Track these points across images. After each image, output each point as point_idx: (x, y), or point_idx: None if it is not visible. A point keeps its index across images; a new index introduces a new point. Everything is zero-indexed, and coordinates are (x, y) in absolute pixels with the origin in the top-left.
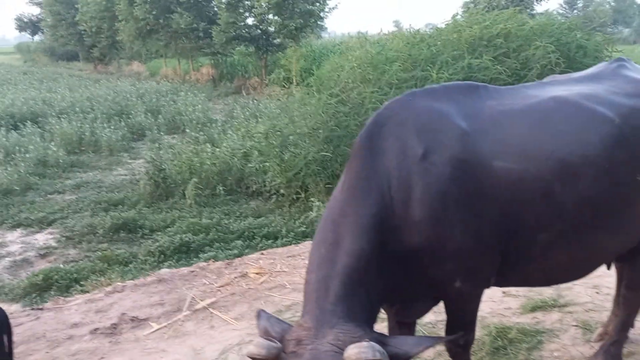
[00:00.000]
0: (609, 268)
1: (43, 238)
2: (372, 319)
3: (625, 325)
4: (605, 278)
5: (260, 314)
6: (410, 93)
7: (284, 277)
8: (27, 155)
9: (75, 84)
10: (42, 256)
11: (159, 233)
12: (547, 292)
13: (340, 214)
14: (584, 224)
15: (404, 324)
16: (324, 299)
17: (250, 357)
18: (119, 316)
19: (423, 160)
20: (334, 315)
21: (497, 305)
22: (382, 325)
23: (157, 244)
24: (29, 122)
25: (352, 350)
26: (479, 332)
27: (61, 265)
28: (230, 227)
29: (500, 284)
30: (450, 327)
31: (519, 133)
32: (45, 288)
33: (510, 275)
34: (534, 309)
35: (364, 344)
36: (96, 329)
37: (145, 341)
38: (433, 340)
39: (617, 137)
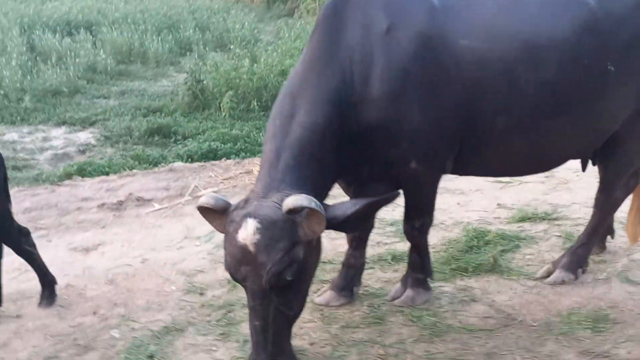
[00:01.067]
0: (584, 169)
1: (84, 136)
2: (322, 194)
3: (595, 229)
4: None
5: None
6: None
7: None
8: (78, 61)
9: None
10: (82, 152)
11: (191, 140)
12: (542, 207)
13: (298, 86)
14: (545, 110)
15: None
16: (275, 168)
17: (200, 208)
18: (126, 195)
19: (386, 35)
20: (282, 183)
21: (488, 214)
22: None
23: (186, 148)
24: (82, 29)
25: (289, 199)
26: (458, 233)
27: (95, 160)
28: (258, 140)
29: (461, 170)
30: (407, 210)
31: (488, 13)
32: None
33: (470, 161)
34: (523, 219)
35: (301, 195)
36: (103, 204)
37: (145, 217)
38: (369, 200)
39: (589, 22)
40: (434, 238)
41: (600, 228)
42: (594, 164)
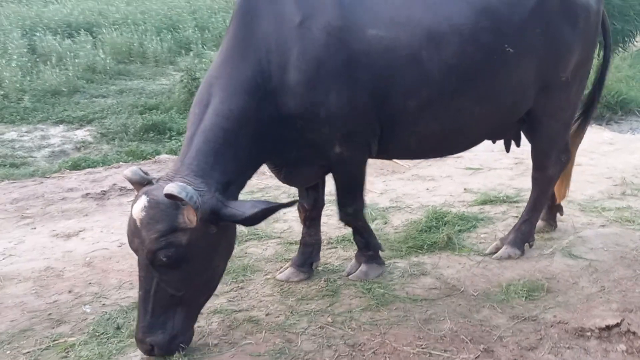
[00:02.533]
0: (507, 150)
1: (81, 134)
2: (238, 179)
3: (536, 205)
4: (570, 184)
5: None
6: None
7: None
8: (77, 61)
9: None
10: (78, 149)
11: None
12: (506, 191)
13: (215, 76)
14: (451, 90)
15: (312, 187)
16: (186, 153)
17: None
18: (110, 185)
19: (300, 26)
20: (188, 169)
21: (454, 199)
22: None
23: (180, 143)
24: (83, 31)
25: (168, 186)
26: (419, 215)
27: (90, 156)
28: None
29: (384, 154)
30: (339, 197)
31: (394, 3)
32: None
33: (390, 143)
34: (485, 202)
35: (179, 184)
36: (87, 194)
37: (127, 206)
38: (267, 204)
39: (484, 7)
40: (398, 220)
41: (539, 204)
42: (517, 146)
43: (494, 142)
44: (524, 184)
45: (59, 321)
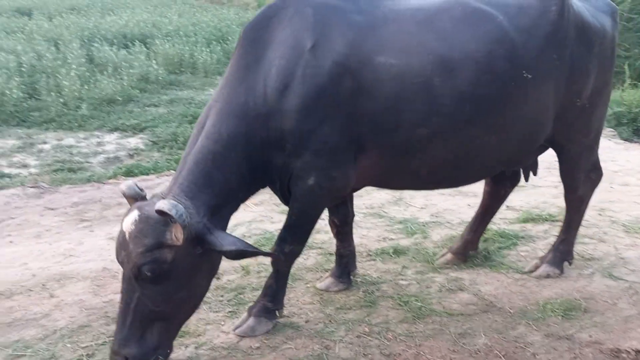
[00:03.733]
0: (527, 179)
1: (134, 141)
2: (229, 203)
3: (570, 224)
4: (616, 204)
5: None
6: None
7: None
8: (132, 71)
9: (186, 10)
10: (131, 156)
11: None
12: (549, 209)
13: (215, 98)
14: (464, 119)
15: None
16: (180, 173)
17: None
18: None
19: (309, 52)
20: (180, 188)
21: (496, 217)
22: None
23: None
24: (137, 42)
25: (159, 202)
26: (459, 231)
27: (142, 163)
28: None
29: (392, 183)
30: (283, 232)
31: (406, 30)
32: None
33: (395, 173)
34: (527, 220)
35: (171, 201)
36: None
37: None
38: (246, 246)
39: (499, 34)
40: (437, 235)
41: (574, 223)
42: (534, 174)
43: (510, 171)
44: None
45: (114, 319)
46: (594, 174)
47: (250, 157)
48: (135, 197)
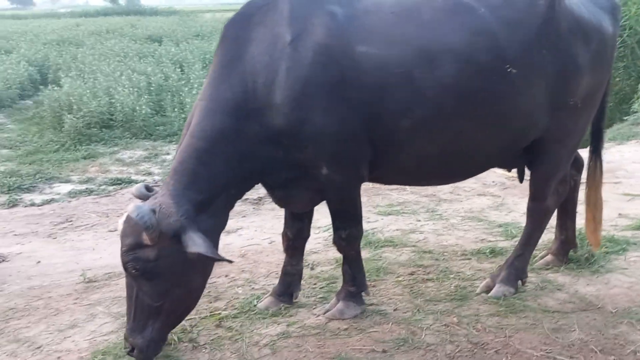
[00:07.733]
0: (521, 180)
1: None
2: (219, 198)
3: (529, 239)
4: None
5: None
6: None
7: None
8: None
9: None
10: None
11: None
12: None
13: (200, 98)
14: (447, 112)
15: (297, 217)
16: (170, 173)
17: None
18: (265, 193)
19: (289, 45)
20: (166, 188)
21: (605, 223)
22: None
23: None
24: None
25: (129, 205)
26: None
27: None
28: None
29: (380, 179)
30: (333, 220)
31: (386, 20)
32: None
33: (384, 167)
34: (639, 228)
35: (138, 204)
36: (246, 199)
37: (279, 211)
38: (209, 251)
39: (479, 26)
40: (545, 240)
41: (533, 238)
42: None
43: (509, 170)
44: None
45: (216, 298)
46: (562, 187)
47: (242, 153)
48: (141, 198)
